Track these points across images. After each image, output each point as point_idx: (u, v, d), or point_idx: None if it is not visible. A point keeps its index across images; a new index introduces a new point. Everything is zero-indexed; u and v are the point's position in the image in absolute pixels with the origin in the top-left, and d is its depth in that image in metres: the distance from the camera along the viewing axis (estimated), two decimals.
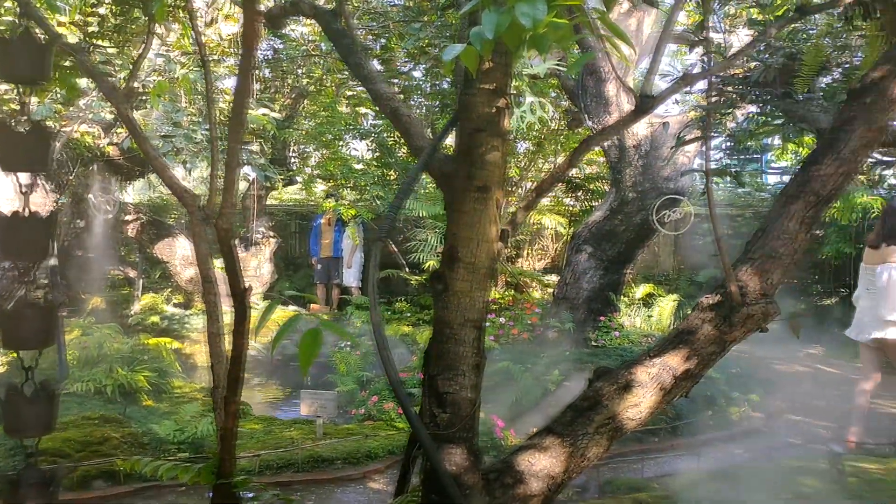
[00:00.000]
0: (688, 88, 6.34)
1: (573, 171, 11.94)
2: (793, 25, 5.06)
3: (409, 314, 10.66)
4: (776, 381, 8.83)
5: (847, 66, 4.93)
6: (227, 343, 2.05)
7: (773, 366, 10.04)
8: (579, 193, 12.69)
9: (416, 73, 11.06)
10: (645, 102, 1.91)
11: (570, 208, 12.94)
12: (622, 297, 9.24)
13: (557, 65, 7.54)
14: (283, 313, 7.78)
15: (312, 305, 11.77)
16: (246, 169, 9.91)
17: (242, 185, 11.89)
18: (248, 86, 1.98)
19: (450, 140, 2.61)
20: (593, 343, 8.29)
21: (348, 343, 8.54)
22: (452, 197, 2.09)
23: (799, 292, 12.30)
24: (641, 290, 10.64)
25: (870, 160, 11.59)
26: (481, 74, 1.92)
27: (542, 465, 2.00)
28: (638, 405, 1.96)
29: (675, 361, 2.01)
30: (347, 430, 6.36)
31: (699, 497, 4.47)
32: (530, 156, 12.37)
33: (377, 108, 7.60)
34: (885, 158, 10.84)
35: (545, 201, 13.00)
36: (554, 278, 11.24)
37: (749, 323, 2.05)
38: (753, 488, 4.76)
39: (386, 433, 6.27)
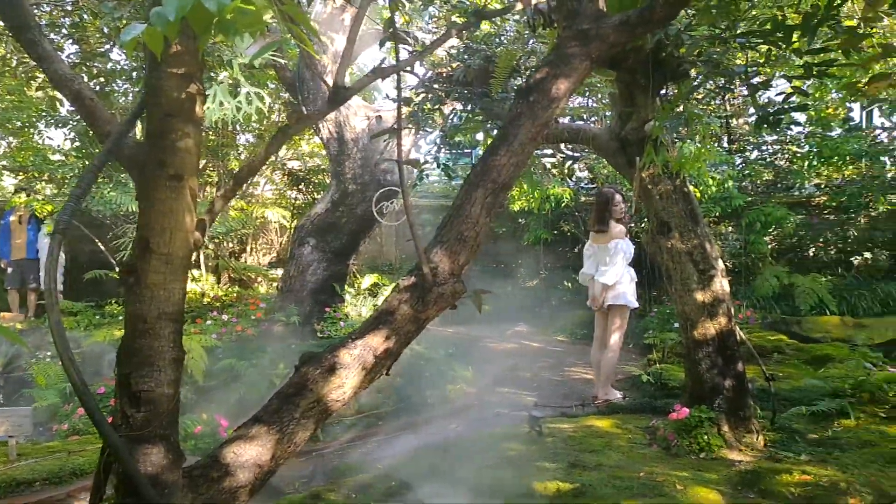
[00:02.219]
0: (407, 85, 6.61)
1: (295, 164, 11.89)
2: (488, 30, 5.52)
3: (122, 317, 9.84)
4: (488, 358, 9.62)
5: (535, 69, 5.49)
6: None
7: (486, 344, 10.92)
8: (302, 186, 12.68)
9: (116, 56, 10.18)
10: (337, 93, 1.97)
11: (294, 201, 12.87)
12: (348, 287, 9.42)
13: (273, 55, 7.43)
14: None
15: (3, 314, 10.38)
16: None
17: None
18: None
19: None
20: (320, 334, 8.36)
21: (49, 353, 7.68)
22: (144, 185, 1.98)
23: (505, 275, 13.53)
24: (368, 281, 10.94)
25: (560, 155, 12.99)
26: (169, 58, 1.84)
27: (248, 455, 1.98)
28: (342, 386, 2.02)
29: (376, 341, 2.10)
30: (48, 448, 5.72)
31: (415, 471, 4.71)
32: (252, 148, 12.08)
33: None
34: (573, 154, 12.28)
35: (268, 194, 12.79)
36: (281, 272, 11.12)
37: (441, 301, 2.22)
38: (464, 457, 5.12)
39: (95, 447, 5.74)
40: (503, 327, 12.44)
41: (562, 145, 10.91)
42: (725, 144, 12.28)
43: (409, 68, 2.07)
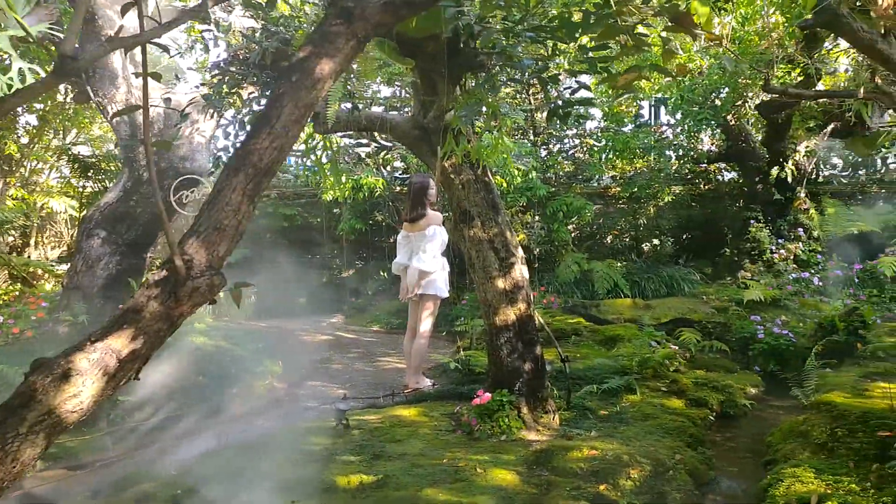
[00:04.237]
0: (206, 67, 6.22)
1: (84, 150, 10.89)
2: (289, 12, 5.30)
3: None
4: (301, 351, 9.41)
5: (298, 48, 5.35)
6: None
7: (299, 337, 10.68)
8: (92, 174, 11.65)
9: None
10: (64, 63, 1.73)
11: (83, 190, 11.80)
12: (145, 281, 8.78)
13: (51, 28, 6.71)
14: None
15: None
16: None
17: None
18: None
19: None
20: None
21: None
22: None
23: (320, 266, 13.32)
24: None
25: (375, 145, 12.94)
26: None
27: None
28: (78, 395, 1.79)
29: (119, 343, 1.89)
30: None
31: (209, 473, 4.46)
32: (34, 132, 10.92)
33: None
34: (387, 143, 12.25)
35: (53, 182, 11.63)
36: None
37: (196, 296, 2.04)
38: (266, 454, 4.93)
39: None
40: (318, 319, 12.27)
41: (376, 135, 10.88)
42: (531, 137, 12.85)
43: (156, 40, 1.88)
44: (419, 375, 6.84)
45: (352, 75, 5.07)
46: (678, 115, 11.34)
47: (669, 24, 2.59)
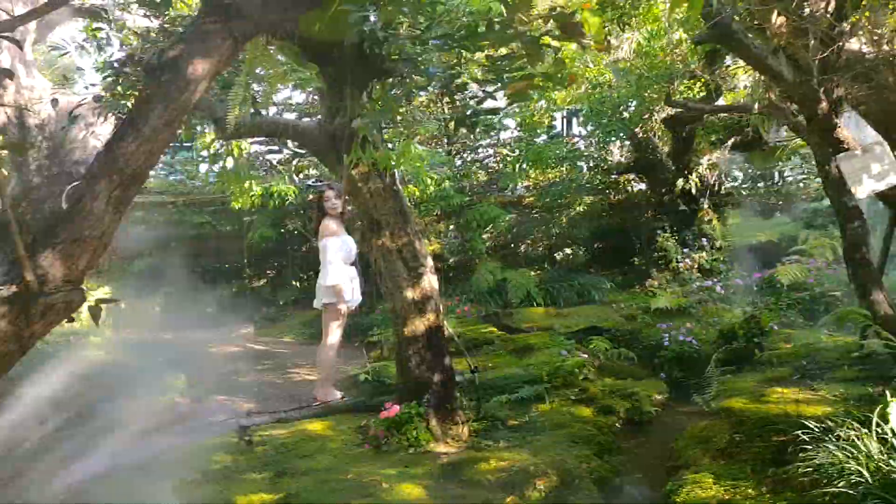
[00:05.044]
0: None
1: None
2: (188, 11, 5.10)
3: None
4: (207, 364, 9.05)
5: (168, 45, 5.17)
6: None
7: (206, 349, 10.30)
8: None
9: None
10: None
11: None
12: None
13: None
14: None
15: None
16: None
17: None
18: None
19: None
20: None
21: None
22: None
23: (231, 275, 12.92)
24: None
25: (288, 152, 12.65)
26: None
27: None
28: None
29: None
30: None
31: (99, 496, 4.20)
32: None
33: None
34: (300, 150, 12.00)
35: None
36: None
37: (50, 314, 1.87)
38: (162, 474, 4.71)
39: None
40: (228, 330, 11.87)
41: (289, 142, 10.64)
42: (446, 146, 12.87)
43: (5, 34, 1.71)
44: (329, 388, 6.69)
45: (254, 78, 4.91)
46: (589, 127, 11.57)
47: (559, 33, 2.59)
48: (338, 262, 6.40)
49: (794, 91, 3.61)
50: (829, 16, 3.78)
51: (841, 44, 3.62)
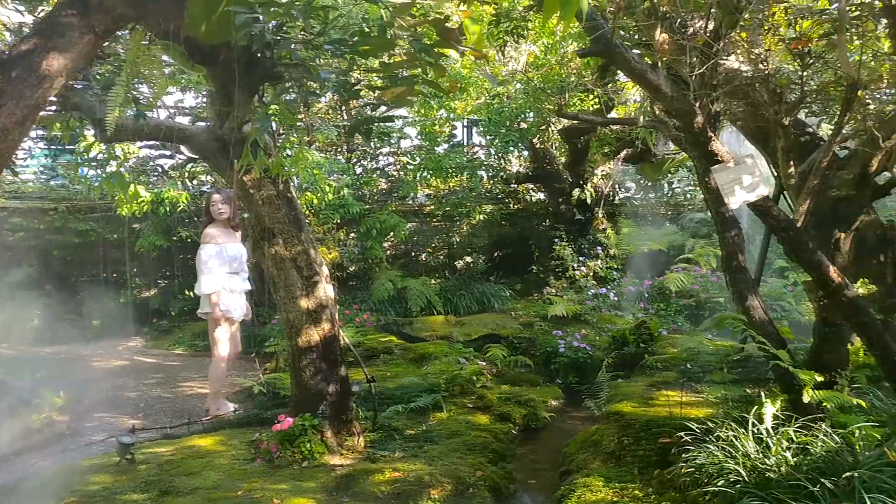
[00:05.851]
0: None
1: None
2: None
3: None
4: (90, 379, 8.58)
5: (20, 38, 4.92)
6: None
7: (90, 363, 9.78)
8: None
9: None
10: None
11: None
12: None
13: None
14: None
15: None
16: None
17: None
18: None
19: None
20: None
21: None
22: None
23: (118, 286, 12.30)
24: None
25: (180, 157, 12.17)
26: None
27: None
28: None
29: None
30: None
31: None
32: None
33: None
34: (193, 156, 11.57)
35: None
36: None
37: None
38: (38, 498, 4.41)
39: None
40: (114, 343, 11.31)
41: (182, 147, 10.23)
42: (346, 153, 12.73)
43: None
44: (220, 400, 6.46)
45: (137, 79, 4.66)
46: (489, 137, 11.71)
47: (438, 38, 2.59)
48: (215, 270, 6.20)
49: (672, 105, 3.76)
50: (707, 34, 3.96)
51: (716, 61, 3.80)
